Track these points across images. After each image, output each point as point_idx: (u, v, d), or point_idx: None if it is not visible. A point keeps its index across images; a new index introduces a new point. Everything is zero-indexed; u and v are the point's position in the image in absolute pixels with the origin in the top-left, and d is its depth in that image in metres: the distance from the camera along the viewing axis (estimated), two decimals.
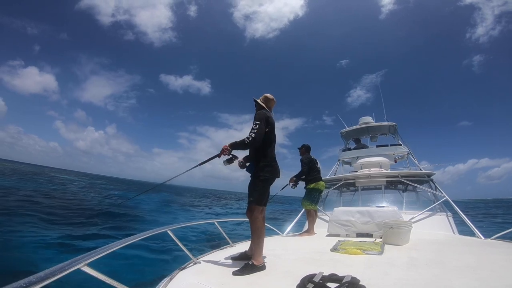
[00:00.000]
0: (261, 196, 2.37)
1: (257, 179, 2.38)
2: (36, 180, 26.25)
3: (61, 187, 22.58)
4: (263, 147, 2.42)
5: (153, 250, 6.20)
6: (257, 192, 2.36)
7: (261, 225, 2.32)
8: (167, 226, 2.37)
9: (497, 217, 20.60)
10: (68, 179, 37.57)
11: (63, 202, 12.77)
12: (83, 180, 42.59)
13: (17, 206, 9.66)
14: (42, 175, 36.44)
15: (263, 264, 2.19)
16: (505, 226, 4.12)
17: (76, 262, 1.22)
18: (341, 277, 1.70)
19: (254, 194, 2.35)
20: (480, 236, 3.85)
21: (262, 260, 2.22)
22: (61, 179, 35.58)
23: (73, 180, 37.32)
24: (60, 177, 40.50)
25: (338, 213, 4.37)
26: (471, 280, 1.78)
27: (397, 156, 7.79)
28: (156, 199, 22.76)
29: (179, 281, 1.90)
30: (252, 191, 2.38)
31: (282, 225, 5.63)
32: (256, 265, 2.15)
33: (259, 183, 2.37)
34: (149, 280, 4.42)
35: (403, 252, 2.78)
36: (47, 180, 28.80)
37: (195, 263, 2.31)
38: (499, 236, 3.52)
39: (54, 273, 1.07)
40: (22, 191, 14.81)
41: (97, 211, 11.41)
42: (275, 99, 2.77)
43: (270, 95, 2.75)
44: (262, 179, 2.37)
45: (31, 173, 38.57)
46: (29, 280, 0.95)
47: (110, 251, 1.50)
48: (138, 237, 1.92)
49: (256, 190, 2.37)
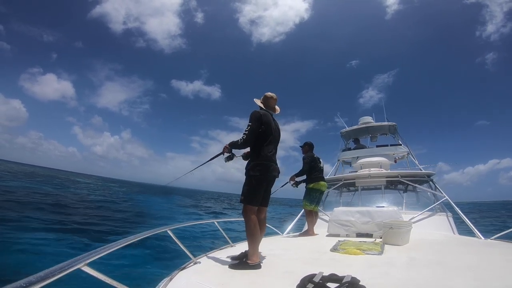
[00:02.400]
0: (251, 195, 2.35)
1: (248, 177, 2.40)
2: (50, 182, 26.62)
3: (73, 189, 22.80)
4: (257, 146, 2.43)
5: (153, 250, 6.20)
6: (247, 191, 2.36)
7: (254, 224, 2.29)
8: (167, 226, 2.37)
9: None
10: (83, 182, 38.23)
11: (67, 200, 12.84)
12: (97, 183, 43.09)
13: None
14: (58, 178, 37.03)
15: (257, 263, 2.19)
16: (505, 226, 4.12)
17: (76, 262, 1.22)
18: (341, 277, 1.70)
19: (244, 193, 2.36)
20: (480, 236, 3.85)
21: (256, 259, 2.22)
22: (76, 182, 36.19)
23: (89, 183, 37.86)
24: (78, 180, 41.30)
25: (338, 213, 4.37)
26: (471, 280, 1.78)
27: (397, 156, 7.79)
28: (163, 201, 22.85)
29: (179, 281, 1.90)
30: (243, 190, 2.39)
31: (282, 225, 5.63)
32: (249, 264, 2.17)
33: (249, 182, 2.38)
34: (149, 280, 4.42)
35: (403, 252, 2.77)
36: (59, 182, 29.19)
37: (195, 263, 2.31)
38: (499, 236, 3.52)
39: (54, 273, 1.06)
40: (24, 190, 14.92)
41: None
42: (275, 97, 2.74)
43: (270, 93, 2.73)
44: (252, 178, 2.37)
45: (46, 176, 39.19)
46: (29, 280, 0.95)
47: (110, 251, 1.50)
48: (138, 237, 1.92)
49: (246, 188, 2.37)
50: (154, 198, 25.74)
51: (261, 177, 2.37)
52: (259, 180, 2.37)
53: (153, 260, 5.79)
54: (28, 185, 19.15)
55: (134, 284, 4.00)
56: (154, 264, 5.57)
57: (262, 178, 2.38)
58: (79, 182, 37.91)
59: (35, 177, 31.08)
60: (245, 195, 2.35)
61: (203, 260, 2.44)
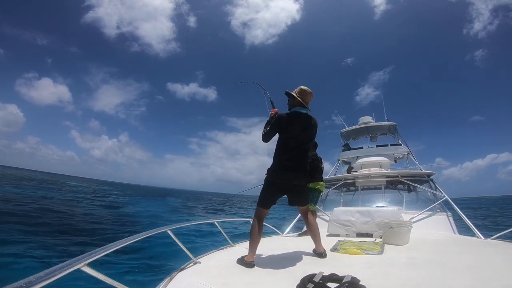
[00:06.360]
0: (260, 197, 2.43)
1: (265, 180, 2.46)
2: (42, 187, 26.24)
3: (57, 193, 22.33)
4: (275, 150, 2.44)
5: (153, 250, 6.20)
6: (260, 193, 2.45)
7: (253, 225, 2.36)
8: (167, 226, 2.37)
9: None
10: (75, 185, 37.79)
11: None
12: (91, 186, 42.69)
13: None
14: (49, 183, 36.66)
15: (250, 262, 2.22)
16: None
17: (76, 262, 1.22)
18: (341, 277, 1.69)
19: (260, 194, 2.46)
20: (480, 236, 3.85)
21: (249, 259, 2.24)
22: (66, 185, 35.74)
23: (80, 186, 37.52)
24: (69, 183, 40.82)
25: (338, 213, 4.36)
26: (471, 280, 1.78)
27: (397, 156, 7.79)
28: (160, 204, 22.63)
29: (179, 281, 1.90)
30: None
31: (282, 225, 5.62)
32: (244, 261, 2.24)
33: (264, 184, 2.45)
34: (149, 280, 4.42)
35: (403, 252, 2.77)
36: (49, 186, 28.78)
37: (195, 263, 2.31)
38: (499, 236, 3.52)
39: (54, 273, 1.06)
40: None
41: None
42: (313, 94, 2.48)
43: (308, 88, 2.45)
44: (265, 181, 2.44)
45: (41, 180, 38.89)
46: (29, 280, 0.95)
47: (110, 251, 1.50)
48: (138, 237, 1.92)
49: (261, 190, 2.46)
50: (141, 201, 25.15)
51: (270, 182, 2.41)
52: (268, 184, 2.42)
53: (153, 260, 5.79)
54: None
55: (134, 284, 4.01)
56: (154, 264, 5.57)
57: (270, 183, 2.41)
58: (67, 185, 36.94)
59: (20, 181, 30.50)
60: (259, 196, 2.46)
61: (203, 260, 2.44)
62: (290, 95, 2.48)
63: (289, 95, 2.50)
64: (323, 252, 2.54)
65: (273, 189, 2.41)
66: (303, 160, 2.40)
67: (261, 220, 2.39)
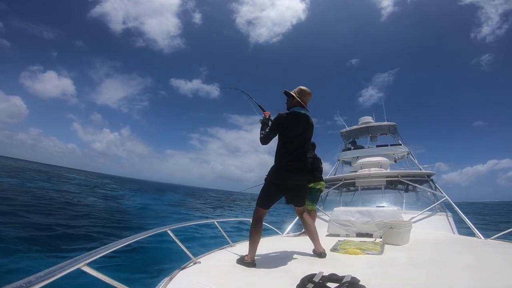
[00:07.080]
0: (261, 197, 2.41)
1: (265, 179, 2.45)
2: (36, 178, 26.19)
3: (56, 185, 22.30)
4: (276, 151, 2.43)
5: (153, 250, 6.20)
6: (260, 192, 2.43)
7: (253, 225, 2.36)
8: (167, 226, 2.37)
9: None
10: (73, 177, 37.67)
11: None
12: (90, 180, 42.51)
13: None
14: (47, 174, 36.54)
15: (250, 261, 2.22)
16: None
17: (76, 261, 1.22)
18: (341, 277, 1.69)
19: (260, 194, 2.44)
20: (480, 236, 3.85)
21: (248, 258, 2.24)
22: (64, 177, 35.63)
23: (78, 179, 37.37)
24: (65, 175, 40.63)
25: (338, 213, 4.36)
26: (471, 280, 1.78)
27: (397, 156, 7.79)
28: (160, 200, 22.51)
29: (179, 281, 1.90)
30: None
31: (282, 225, 5.62)
32: (244, 261, 2.24)
33: (264, 184, 2.44)
34: (149, 280, 4.42)
35: (403, 252, 2.77)
36: (46, 178, 28.72)
37: (195, 263, 2.31)
38: (499, 236, 3.52)
39: (54, 273, 1.06)
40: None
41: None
42: (312, 94, 2.48)
43: (307, 89, 2.45)
44: (266, 181, 2.43)
45: (34, 171, 38.77)
46: (29, 280, 0.95)
47: (110, 251, 1.50)
48: (138, 236, 1.92)
49: (261, 190, 2.44)
50: (134, 197, 24.88)
51: (271, 182, 2.40)
52: (270, 184, 2.41)
53: (153, 260, 5.78)
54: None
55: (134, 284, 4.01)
56: (154, 264, 5.57)
57: (272, 183, 2.40)
58: (63, 176, 36.72)
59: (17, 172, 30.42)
60: (259, 195, 2.45)
61: (203, 260, 2.44)
62: (289, 94, 2.47)
63: (288, 94, 2.49)
64: (323, 252, 2.53)
65: (274, 189, 2.40)
66: (305, 160, 2.41)
67: (260, 220, 2.39)
